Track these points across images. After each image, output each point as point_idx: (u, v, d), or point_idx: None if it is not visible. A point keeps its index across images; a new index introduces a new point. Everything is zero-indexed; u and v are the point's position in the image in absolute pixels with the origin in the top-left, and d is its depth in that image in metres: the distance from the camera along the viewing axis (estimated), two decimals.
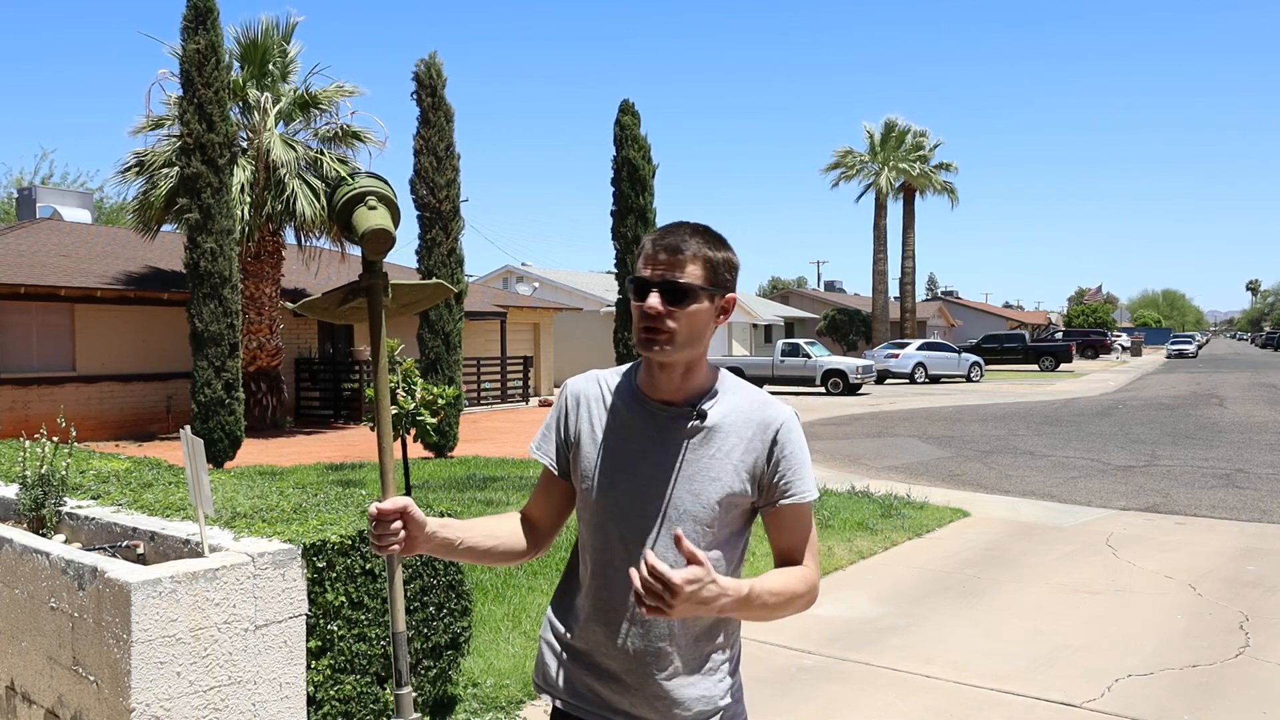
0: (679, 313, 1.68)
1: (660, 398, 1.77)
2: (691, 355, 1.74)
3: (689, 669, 1.75)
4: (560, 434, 1.86)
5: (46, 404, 16.02)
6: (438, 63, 14.70)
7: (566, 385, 1.90)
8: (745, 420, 1.76)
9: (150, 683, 2.86)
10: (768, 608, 1.67)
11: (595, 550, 1.79)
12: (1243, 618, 5.64)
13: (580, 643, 1.80)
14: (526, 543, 1.89)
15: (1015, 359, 42.02)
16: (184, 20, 13.15)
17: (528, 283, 33.12)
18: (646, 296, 1.69)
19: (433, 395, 8.77)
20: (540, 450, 1.88)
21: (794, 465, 1.75)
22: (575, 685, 1.81)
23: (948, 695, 4.47)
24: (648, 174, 15.48)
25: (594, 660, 1.78)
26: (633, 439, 1.77)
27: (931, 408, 22.21)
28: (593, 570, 1.79)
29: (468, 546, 1.81)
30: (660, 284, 1.68)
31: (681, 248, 1.69)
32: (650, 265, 1.70)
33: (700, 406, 1.75)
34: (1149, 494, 10.17)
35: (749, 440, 1.75)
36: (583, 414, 1.83)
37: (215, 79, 13.15)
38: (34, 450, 4.07)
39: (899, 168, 42.95)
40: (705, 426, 1.75)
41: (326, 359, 21.18)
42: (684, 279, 1.68)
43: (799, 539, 1.78)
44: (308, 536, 3.41)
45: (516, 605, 5.77)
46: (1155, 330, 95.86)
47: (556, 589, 1.91)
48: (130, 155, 17.69)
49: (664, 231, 1.74)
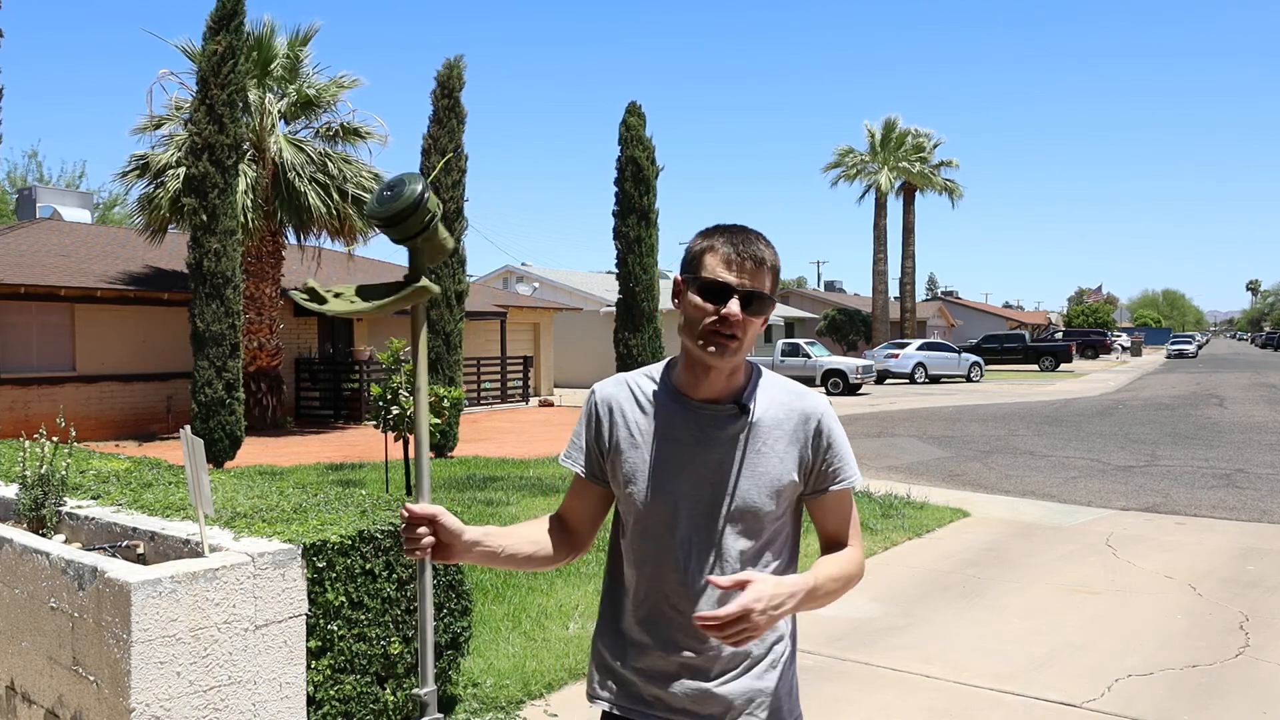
0: (752, 321, 1.70)
1: (703, 397, 1.77)
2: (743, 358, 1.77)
3: (744, 666, 1.76)
4: (592, 440, 1.85)
5: (46, 404, 16.02)
6: (460, 66, 14.75)
7: (595, 391, 1.88)
8: (787, 413, 1.78)
9: (150, 683, 2.87)
10: (830, 594, 1.74)
11: (642, 553, 1.78)
12: (1243, 618, 5.64)
13: (634, 648, 1.79)
14: (566, 546, 1.89)
15: (1015, 359, 42.02)
16: (209, 21, 13.20)
17: (528, 283, 33.11)
18: (726, 301, 1.68)
19: (437, 396, 8.77)
20: (570, 459, 1.87)
21: (838, 453, 1.80)
22: (630, 689, 1.80)
23: (948, 695, 4.47)
24: (651, 174, 15.49)
25: (651, 664, 1.77)
26: (677, 440, 1.77)
27: (931, 408, 22.21)
28: (642, 573, 1.79)
29: (509, 554, 1.81)
30: (743, 293, 1.68)
31: (764, 259, 1.71)
32: (734, 271, 1.69)
33: (744, 403, 1.76)
34: (1149, 494, 10.17)
35: (792, 432, 1.77)
36: (617, 419, 1.82)
37: (230, 81, 13.22)
38: (34, 450, 4.07)
39: (899, 167, 42.94)
40: (750, 423, 1.76)
41: (326, 359, 21.18)
42: (765, 290, 1.71)
43: (844, 522, 1.83)
44: (308, 536, 3.41)
45: (516, 605, 5.77)
46: (1155, 330, 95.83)
47: (603, 592, 1.90)
48: (131, 158, 17.70)
49: (740, 237, 1.72)
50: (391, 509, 3.92)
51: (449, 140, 14.52)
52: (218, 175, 13.05)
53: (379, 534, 3.64)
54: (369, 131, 19.07)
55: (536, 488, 10.30)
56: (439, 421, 8.77)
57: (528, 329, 28.15)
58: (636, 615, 1.79)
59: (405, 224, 1.77)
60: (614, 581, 1.87)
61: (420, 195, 1.76)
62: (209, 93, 13.17)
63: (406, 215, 1.76)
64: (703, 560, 1.73)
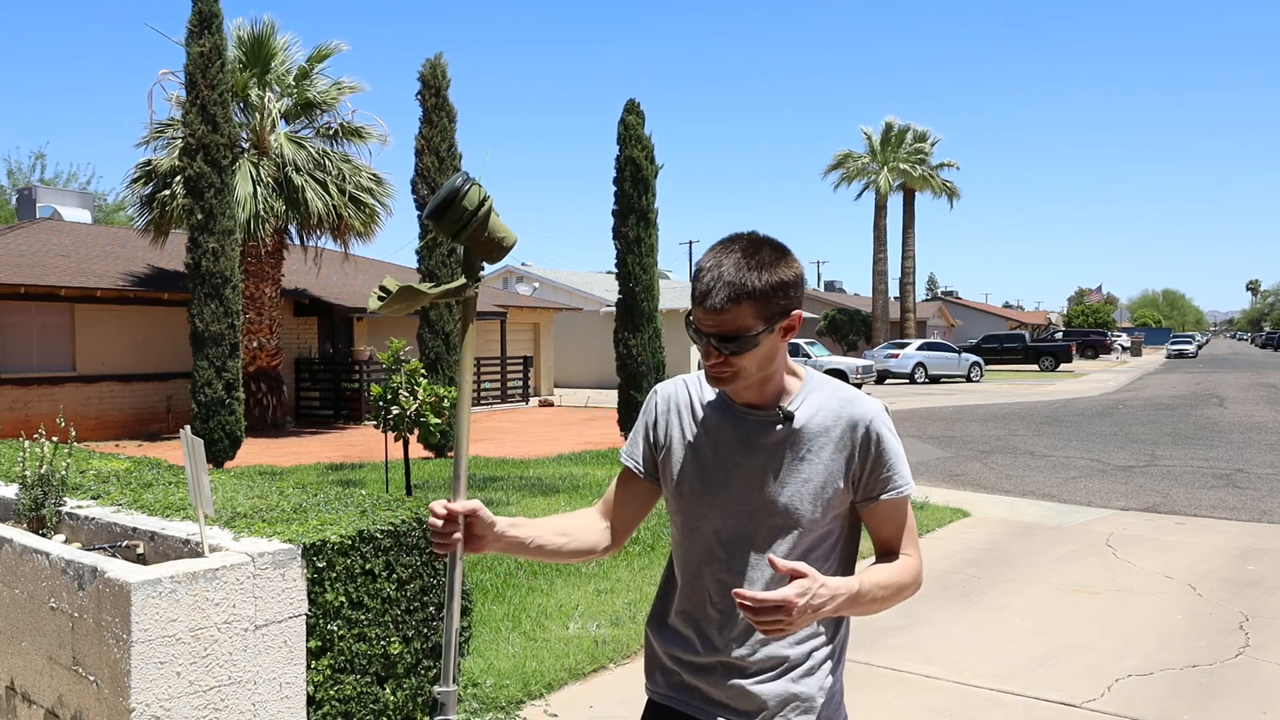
0: (740, 359, 1.67)
1: (747, 402, 1.78)
2: (765, 374, 1.73)
3: (781, 668, 1.76)
4: (649, 438, 1.88)
5: (46, 404, 16.02)
6: (443, 63, 14.72)
7: (656, 390, 1.92)
8: (835, 419, 1.76)
9: (150, 683, 2.87)
10: (878, 601, 1.70)
11: (689, 553, 1.81)
12: (1243, 618, 5.64)
13: (678, 640, 1.83)
14: (602, 540, 1.90)
15: (1015, 359, 42.02)
16: (189, 25, 13.28)
17: (528, 283, 33.10)
18: (703, 346, 1.68)
19: (438, 396, 8.76)
20: (629, 455, 1.90)
21: (888, 460, 1.75)
22: (674, 679, 1.84)
23: (948, 695, 4.47)
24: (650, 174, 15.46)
25: (693, 657, 1.80)
26: (723, 444, 1.79)
27: (931, 408, 22.21)
28: (687, 572, 1.82)
29: (538, 545, 1.82)
30: (714, 336, 1.66)
31: (721, 304, 1.62)
32: (706, 310, 1.65)
33: (786, 408, 1.75)
34: (1149, 494, 10.17)
35: (839, 439, 1.75)
36: (673, 419, 1.85)
37: (219, 81, 13.26)
38: (34, 450, 4.07)
39: (899, 168, 42.93)
40: (794, 429, 1.75)
41: (326, 359, 21.17)
42: (735, 329, 1.64)
43: (897, 530, 1.79)
44: (308, 536, 3.41)
45: (516, 605, 5.77)
46: (1155, 330, 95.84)
47: (658, 589, 1.94)
48: (138, 166, 17.77)
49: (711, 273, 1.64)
50: (391, 509, 3.92)
51: (441, 140, 14.51)
52: (213, 175, 13.06)
53: (379, 534, 3.64)
54: (369, 132, 19.08)
55: (536, 488, 10.30)
56: (439, 421, 8.75)
57: (528, 329, 28.15)
58: (680, 610, 1.83)
59: (444, 219, 1.77)
60: (667, 576, 1.91)
61: (457, 190, 1.76)
62: (199, 93, 13.21)
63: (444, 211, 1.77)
64: (744, 562, 1.75)
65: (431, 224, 1.81)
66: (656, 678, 1.88)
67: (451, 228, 1.78)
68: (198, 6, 13.25)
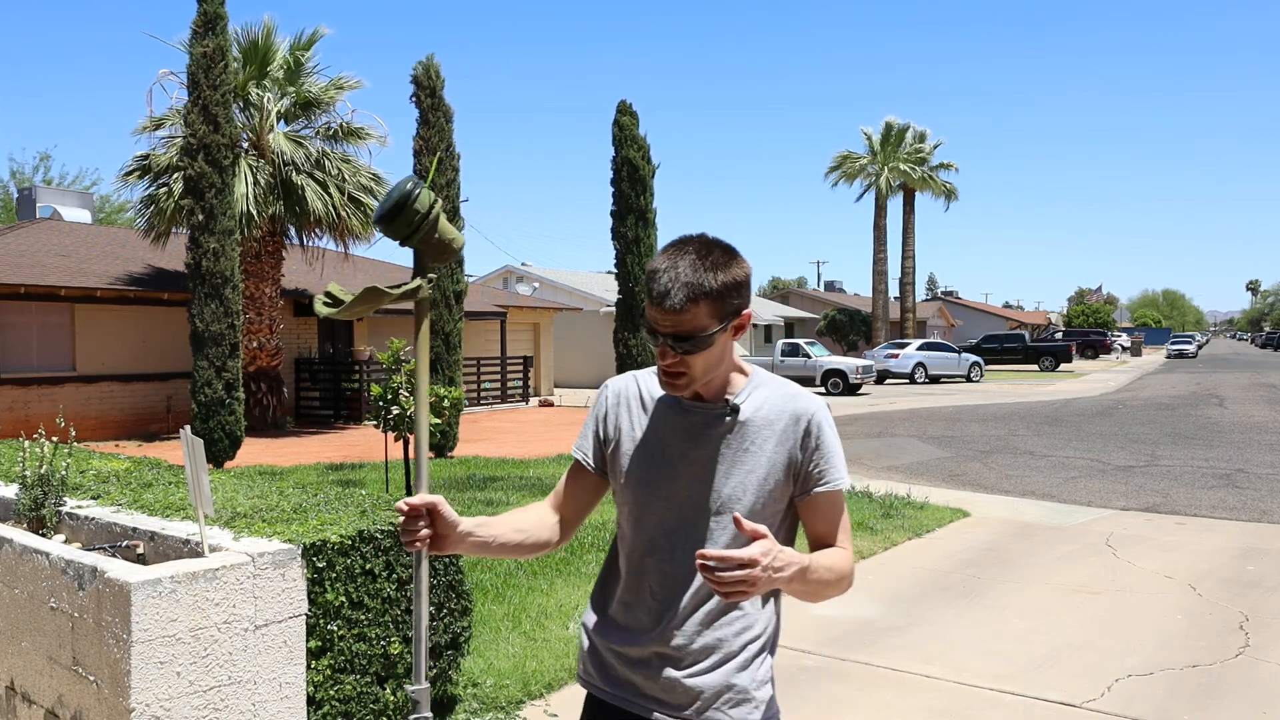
0: (694, 357, 1.71)
1: (694, 395, 1.82)
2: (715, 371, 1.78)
3: (715, 660, 1.78)
4: (599, 432, 1.91)
5: (46, 404, 16.01)
6: (435, 64, 14.72)
7: (607, 385, 1.96)
8: (778, 413, 1.80)
9: (150, 683, 2.87)
10: (823, 583, 1.73)
11: (634, 544, 1.84)
12: (1243, 618, 5.64)
13: (616, 632, 1.85)
14: (554, 533, 1.93)
15: (1015, 359, 42.02)
16: (194, 25, 13.32)
17: (528, 283, 33.11)
18: (659, 346, 1.72)
19: (437, 396, 8.76)
20: (579, 449, 1.93)
21: (826, 455, 1.79)
22: (610, 673, 1.87)
23: (948, 695, 4.47)
24: (647, 174, 15.48)
25: (629, 649, 1.83)
26: (670, 437, 1.82)
27: (931, 408, 22.21)
28: (630, 563, 1.85)
29: (500, 543, 1.85)
30: (670, 336, 1.69)
31: (678, 304, 1.65)
32: (657, 317, 1.69)
33: (732, 402, 1.79)
34: (1149, 494, 10.17)
35: (782, 432, 1.79)
36: (622, 413, 1.89)
37: (222, 82, 13.30)
38: (34, 450, 4.07)
39: (898, 168, 42.95)
40: (739, 421, 1.79)
41: (326, 359, 21.17)
42: (692, 328, 1.68)
43: (831, 526, 1.83)
44: (308, 536, 3.41)
45: (516, 605, 5.77)
46: (1155, 330, 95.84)
47: (597, 581, 1.95)
48: (133, 160, 17.72)
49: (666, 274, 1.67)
50: (392, 509, 3.92)
51: (439, 140, 14.51)
52: (214, 175, 13.07)
53: (379, 534, 3.64)
54: (368, 132, 19.07)
55: (536, 487, 10.30)
56: (439, 421, 8.76)
57: (528, 329, 28.15)
58: (621, 601, 1.85)
59: (395, 224, 1.79)
60: (608, 569, 1.93)
61: (408, 194, 1.78)
62: (201, 93, 13.24)
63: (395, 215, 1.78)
64: (686, 552, 1.77)
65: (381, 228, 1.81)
66: (592, 671, 1.91)
67: (403, 231, 1.79)
68: (203, 7, 13.29)
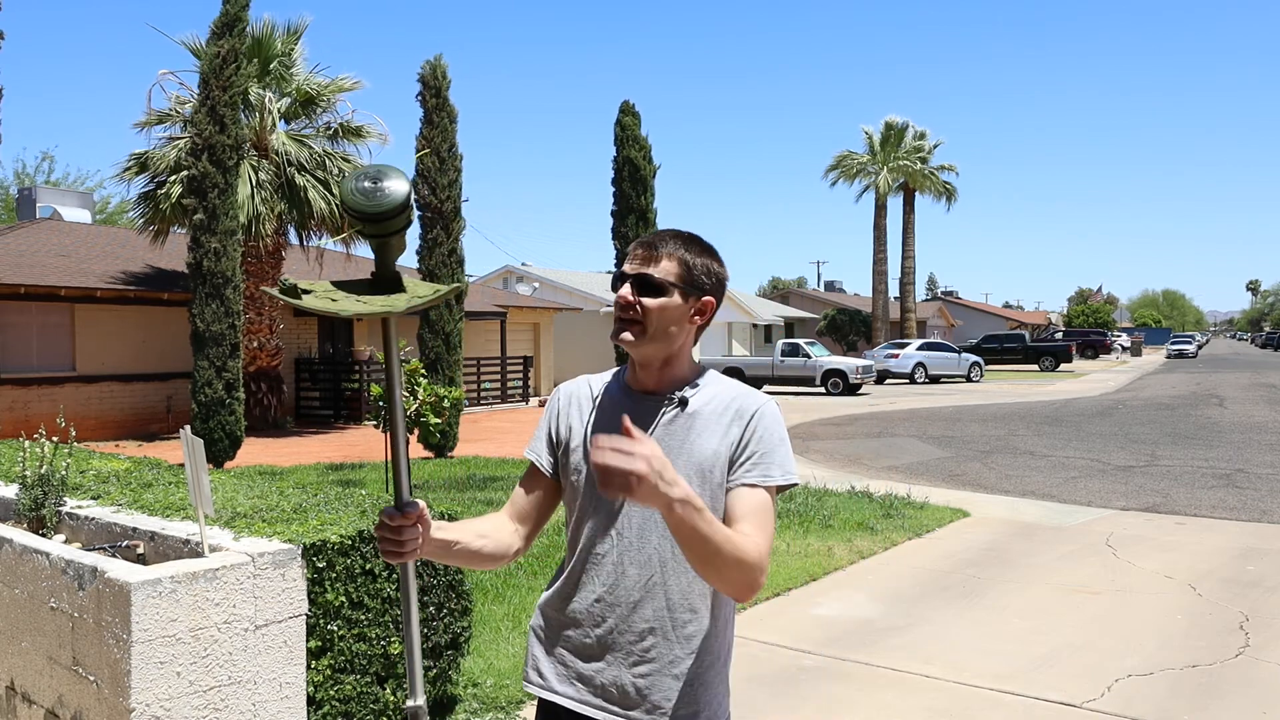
0: (650, 305, 1.76)
1: (644, 388, 1.85)
2: (667, 350, 1.81)
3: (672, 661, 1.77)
4: (551, 434, 1.92)
5: (46, 404, 16.01)
6: (443, 64, 14.72)
7: (559, 388, 1.98)
8: (724, 407, 1.81)
9: (150, 683, 2.87)
10: (706, 538, 1.56)
11: (579, 541, 1.84)
12: (1243, 618, 5.64)
13: (565, 632, 1.84)
14: (514, 542, 1.90)
15: (1015, 359, 42.02)
16: (213, 26, 13.40)
17: (528, 283, 33.10)
18: (620, 287, 1.79)
19: (438, 396, 8.76)
20: (532, 451, 1.94)
21: (762, 449, 1.75)
22: (560, 675, 1.85)
23: (948, 695, 4.47)
24: (649, 174, 15.47)
25: (578, 649, 1.82)
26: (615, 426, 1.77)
27: (931, 408, 22.21)
28: (577, 560, 1.84)
29: (461, 547, 1.82)
30: (634, 276, 1.78)
31: (658, 245, 1.80)
32: (628, 260, 1.82)
33: (680, 394, 1.82)
34: (1149, 494, 10.17)
35: (727, 424, 1.79)
36: (572, 413, 1.91)
37: (232, 84, 13.33)
38: (34, 450, 4.07)
39: (899, 167, 42.96)
40: (685, 413, 1.81)
41: (326, 359, 21.18)
42: (656, 274, 1.78)
43: (746, 516, 1.71)
44: (308, 536, 3.41)
45: (516, 605, 5.77)
46: (1155, 330, 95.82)
47: (552, 580, 1.93)
48: (130, 156, 17.71)
49: (650, 234, 1.86)
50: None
51: (442, 140, 14.51)
52: (218, 175, 13.08)
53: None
54: (369, 131, 19.08)
55: None
56: (439, 421, 8.76)
57: (528, 329, 28.15)
58: (571, 597, 1.84)
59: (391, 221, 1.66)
60: (558, 570, 1.93)
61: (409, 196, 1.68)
62: (210, 93, 13.27)
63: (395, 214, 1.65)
64: (632, 547, 1.78)
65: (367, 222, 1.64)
66: (544, 673, 1.87)
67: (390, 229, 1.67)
68: (227, 7, 13.34)
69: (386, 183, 1.66)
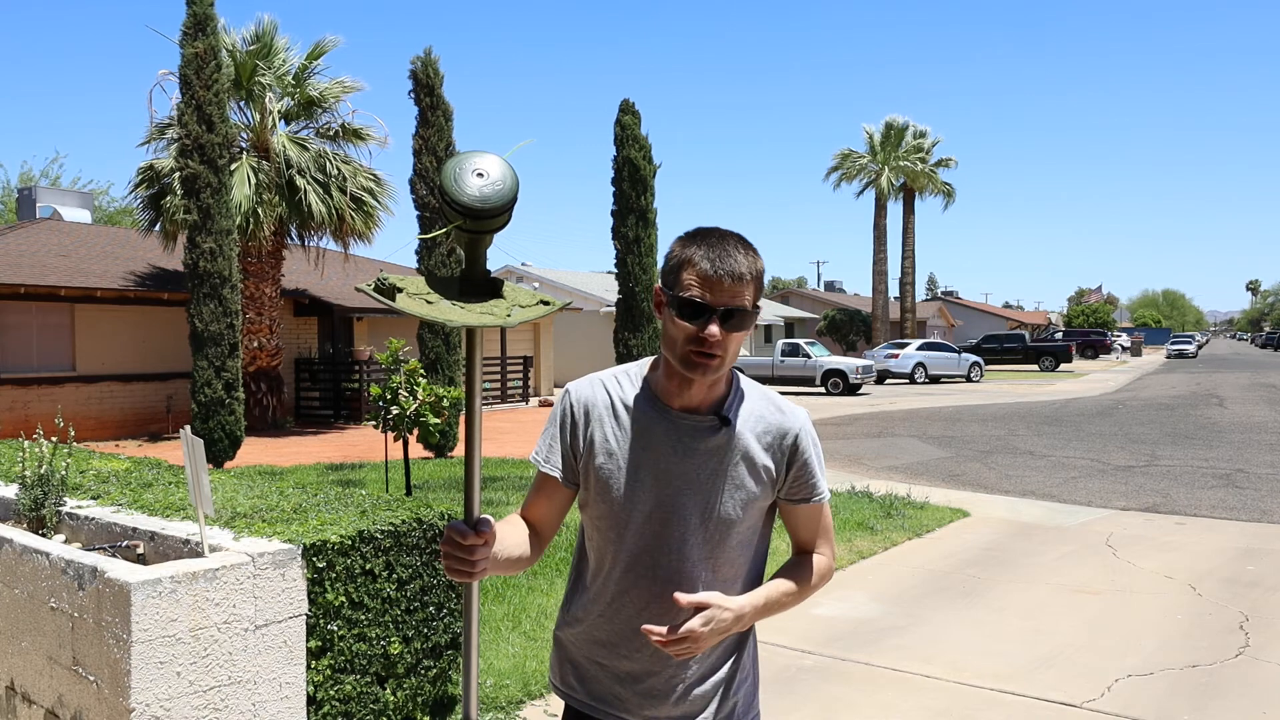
0: (732, 338, 1.66)
1: (683, 406, 1.76)
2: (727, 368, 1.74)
3: (705, 671, 1.79)
4: (567, 443, 1.81)
5: (46, 404, 16.01)
6: (434, 60, 14.70)
7: (569, 392, 1.84)
8: (765, 426, 1.79)
9: (150, 683, 2.86)
10: (785, 606, 1.81)
11: (617, 558, 1.78)
12: (1243, 618, 5.64)
13: (600, 646, 1.81)
14: (531, 548, 1.86)
15: (1015, 359, 42.01)
16: (184, 27, 13.35)
17: (528, 283, 33.09)
18: (704, 322, 1.63)
19: (437, 396, 8.76)
20: (548, 462, 1.82)
21: (811, 470, 1.83)
22: (594, 687, 1.82)
23: (948, 695, 4.47)
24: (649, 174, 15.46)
25: (614, 663, 1.80)
26: (654, 449, 1.75)
27: (931, 408, 22.21)
28: (611, 577, 1.79)
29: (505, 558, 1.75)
30: (723, 312, 1.64)
31: (742, 273, 1.65)
32: (711, 290, 1.63)
33: (724, 414, 1.76)
34: (1149, 494, 10.17)
35: (769, 446, 1.78)
36: (594, 424, 1.79)
37: (214, 81, 13.30)
38: (34, 450, 4.07)
39: (899, 166, 42.95)
40: (730, 435, 1.76)
41: (326, 359, 21.17)
42: (745, 305, 1.67)
43: (813, 534, 1.88)
44: (308, 536, 3.41)
45: (516, 605, 5.77)
46: (1155, 330, 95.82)
47: (567, 592, 1.91)
48: (139, 170, 17.74)
49: (717, 250, 1.65)
50: (391, 509, 3.92)
51: (439, 139, 14.52)
52: (210, 175, 13.07)
53: (379, 534, 3.64)
54: (368, 133, 19.08)
55: None
56: (439, 421, 8.75)
57: (528, 329, 28.14)
58: (604, 615, 1.80)
59: (499, 218, 1.50)
60: (577, 578, 1.88)
61: (517, 188, 1.52)
62: (194, 93, 13.25)
63: (506, 209, 1.50)
64: (671, 568, 1.75)
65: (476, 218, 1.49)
66: (573, 682, 1.85)
67: (496, 225, 1.53)
68: (193, 9, 13.32)
69: (496, 174, 1.50)
